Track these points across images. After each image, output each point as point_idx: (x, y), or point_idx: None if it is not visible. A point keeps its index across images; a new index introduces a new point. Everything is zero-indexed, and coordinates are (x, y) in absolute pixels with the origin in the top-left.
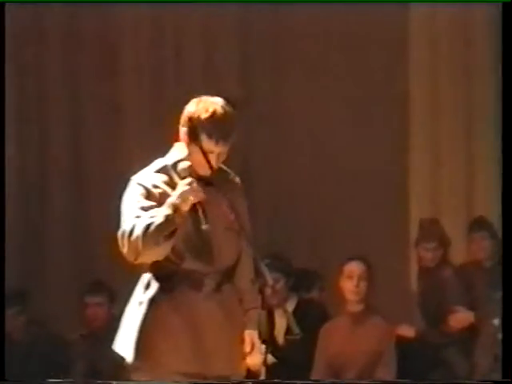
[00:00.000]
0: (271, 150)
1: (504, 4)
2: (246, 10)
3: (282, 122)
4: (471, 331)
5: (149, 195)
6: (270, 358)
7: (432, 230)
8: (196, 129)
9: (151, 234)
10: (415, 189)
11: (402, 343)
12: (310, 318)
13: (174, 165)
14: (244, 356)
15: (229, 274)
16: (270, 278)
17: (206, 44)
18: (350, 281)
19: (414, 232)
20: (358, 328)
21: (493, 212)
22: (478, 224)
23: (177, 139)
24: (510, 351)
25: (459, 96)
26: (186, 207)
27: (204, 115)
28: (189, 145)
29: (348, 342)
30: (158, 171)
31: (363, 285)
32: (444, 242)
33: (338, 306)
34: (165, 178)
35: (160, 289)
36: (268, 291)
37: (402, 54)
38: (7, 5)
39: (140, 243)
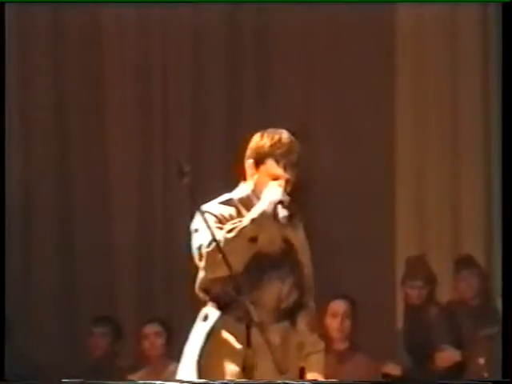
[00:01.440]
0: None
1: (504, 4)
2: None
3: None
4: (458, 370)
5: (218, 222)
6: None
7: (418, 268)
8: (263, 157)
9: (235, 236)
10: (401, 226)
11: (387, 382)
12: None
13: (241, 199)
14: None
15: (288, 312)
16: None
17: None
18: (335, 319)
19: (400, 270)
20: (342, 366)
21: (479, 250)
22: (464, 262)
23: (244, 177)
24: (510, 351)
25: (445, 125)
26: (270, 208)
27: (270, 142)
28: (256, 176)
29: None
30: (225, 203)
31: (347, 323)
32: (430, 280)
33: None
34: (232, 210)
35: (218, 322)
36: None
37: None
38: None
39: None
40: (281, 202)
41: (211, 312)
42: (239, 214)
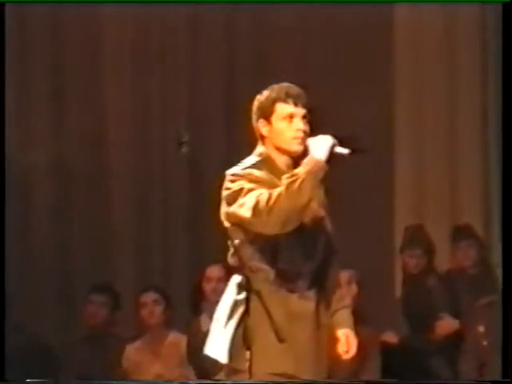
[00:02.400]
0: None
1: (504, 4)
2: (232, 10)
3: None
4: (456, 338)
5: (254, 183)
6: None
7: (417, 237)
8: (270, 107)
9: (298, 189)
10: (400, 196)
11: (386, 350)
12: None
13: (263, 161)
14: (336, 356)
15: (319, 276)
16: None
17: (192, 43)
18: None
19: (399, 239)
20: None
21: (478, 219)
22: (463, 232)
23: (256, 140)
24: (509, 351)
25: (444, 101)
26: (326, 154)
27: (271, 92)
28: (271, 129)
29: None
30: (252, 167)
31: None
32: (429, 249)
33: None
34: (261, 172)
35: (254, 288)
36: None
37: (387, 55)
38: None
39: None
40: (335, 144)
41: (246, 279)
42: (267, 176)
